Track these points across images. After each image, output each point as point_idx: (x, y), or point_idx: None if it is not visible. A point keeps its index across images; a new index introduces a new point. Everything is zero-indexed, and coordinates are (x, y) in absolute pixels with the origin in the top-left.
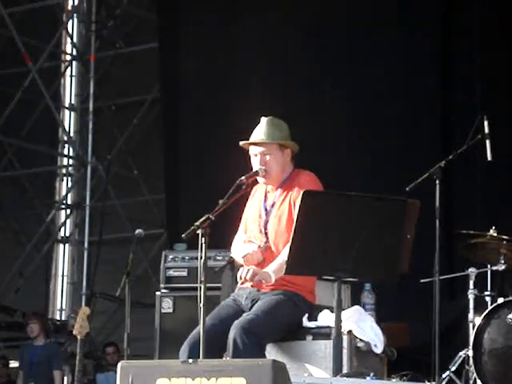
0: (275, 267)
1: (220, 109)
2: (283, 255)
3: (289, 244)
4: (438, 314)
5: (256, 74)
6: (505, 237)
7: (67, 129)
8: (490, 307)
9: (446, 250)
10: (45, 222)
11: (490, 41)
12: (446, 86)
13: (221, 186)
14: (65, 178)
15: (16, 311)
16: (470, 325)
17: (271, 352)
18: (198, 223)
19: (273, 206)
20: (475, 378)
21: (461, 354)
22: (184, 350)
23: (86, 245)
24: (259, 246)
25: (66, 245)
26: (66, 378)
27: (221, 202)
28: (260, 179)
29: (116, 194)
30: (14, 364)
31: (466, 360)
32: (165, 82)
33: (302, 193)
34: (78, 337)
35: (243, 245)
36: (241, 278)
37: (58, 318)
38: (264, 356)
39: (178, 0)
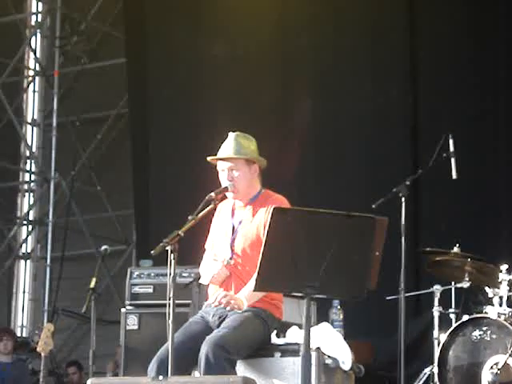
0: (247, 294)
1: (188, 123)
2: (252, 282)
3: (256, 271)
4: (403, 331)
5: (224, 88)
6: (468, 254)
7: (29, 144)
8: (454, 324)
9: (412, 267)
10: (6, 238)
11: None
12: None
13: (189, 202)
14: (26, 194)
15: None
16: (435, 342)
17: (240, 368)
18: (167, 239)
19: (240, 223)
20: None
21: (426, 370)
22: (152, 366)
23: (48, 261)
24: (222, 262)
25: (28, 261)
26: None
27: (190, 217)
28: (229, 194)
29: (79, 209)
30: None
31: (431, 377)
32: (132, 96)
33: (271, 209)
34: (42, 354)
35: (209, 266)
36: (216, 300)
37: (19, 334)
38: (235, 372)
39: (145, 15)
